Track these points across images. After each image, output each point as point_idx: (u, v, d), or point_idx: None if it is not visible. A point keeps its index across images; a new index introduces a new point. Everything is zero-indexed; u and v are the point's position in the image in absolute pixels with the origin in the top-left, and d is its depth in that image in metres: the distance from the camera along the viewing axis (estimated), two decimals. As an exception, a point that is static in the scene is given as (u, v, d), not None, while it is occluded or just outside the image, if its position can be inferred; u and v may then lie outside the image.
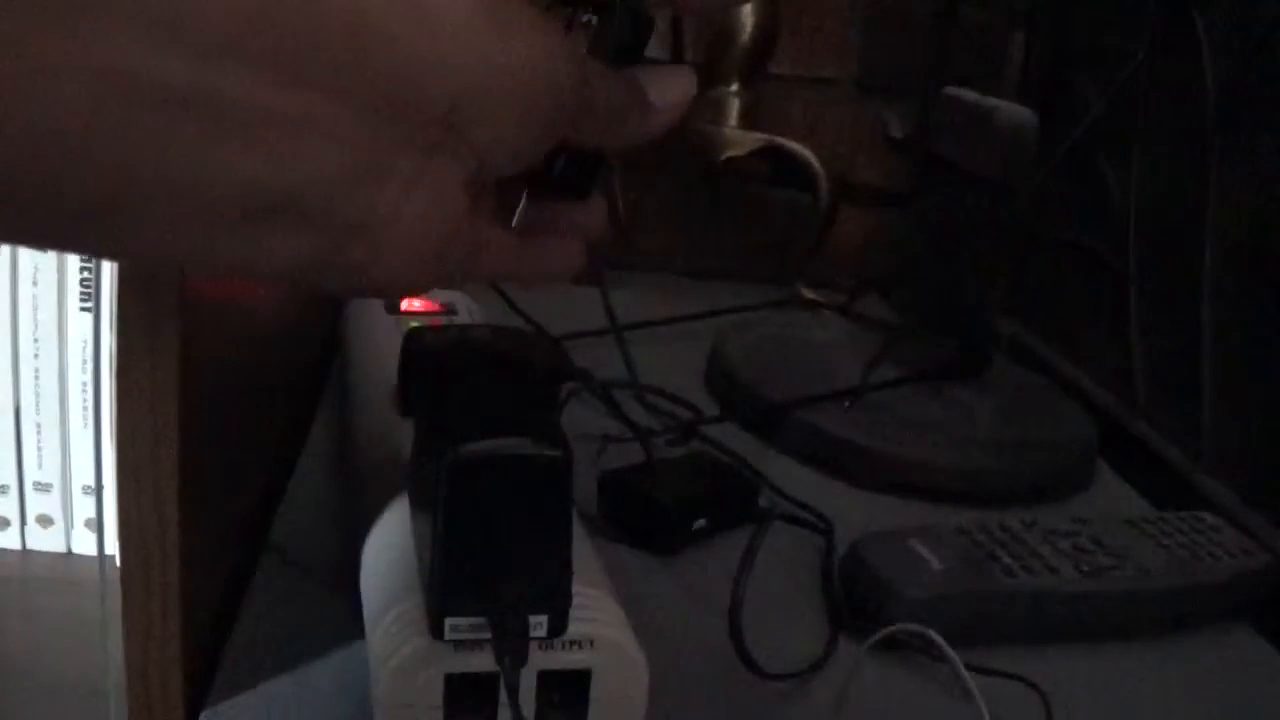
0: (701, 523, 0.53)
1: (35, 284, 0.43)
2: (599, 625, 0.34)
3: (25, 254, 0.43)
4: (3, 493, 0.46)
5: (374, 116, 0.25)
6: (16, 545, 0.47)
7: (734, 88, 0.87)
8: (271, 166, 0.24)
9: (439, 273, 0.29)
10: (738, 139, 0.87)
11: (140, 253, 0.25)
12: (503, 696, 0.32)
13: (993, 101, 0.65)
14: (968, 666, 0.41)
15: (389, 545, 0.38)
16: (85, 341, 0.44)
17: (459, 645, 0.33)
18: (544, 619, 0.32)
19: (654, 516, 0.52)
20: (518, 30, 0.26)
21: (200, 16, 0.22)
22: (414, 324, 0.48)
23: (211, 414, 0.37)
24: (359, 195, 0.25)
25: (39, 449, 0.45)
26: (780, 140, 0.87)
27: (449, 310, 0.60)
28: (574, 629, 0.33)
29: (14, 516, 0.46)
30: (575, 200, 0.34)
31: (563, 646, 0.34)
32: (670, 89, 0.32)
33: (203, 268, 0.27)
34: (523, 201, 0.32)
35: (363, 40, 0.24)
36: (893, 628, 0.43)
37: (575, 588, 0.33)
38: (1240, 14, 0.66)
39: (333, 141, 0.24)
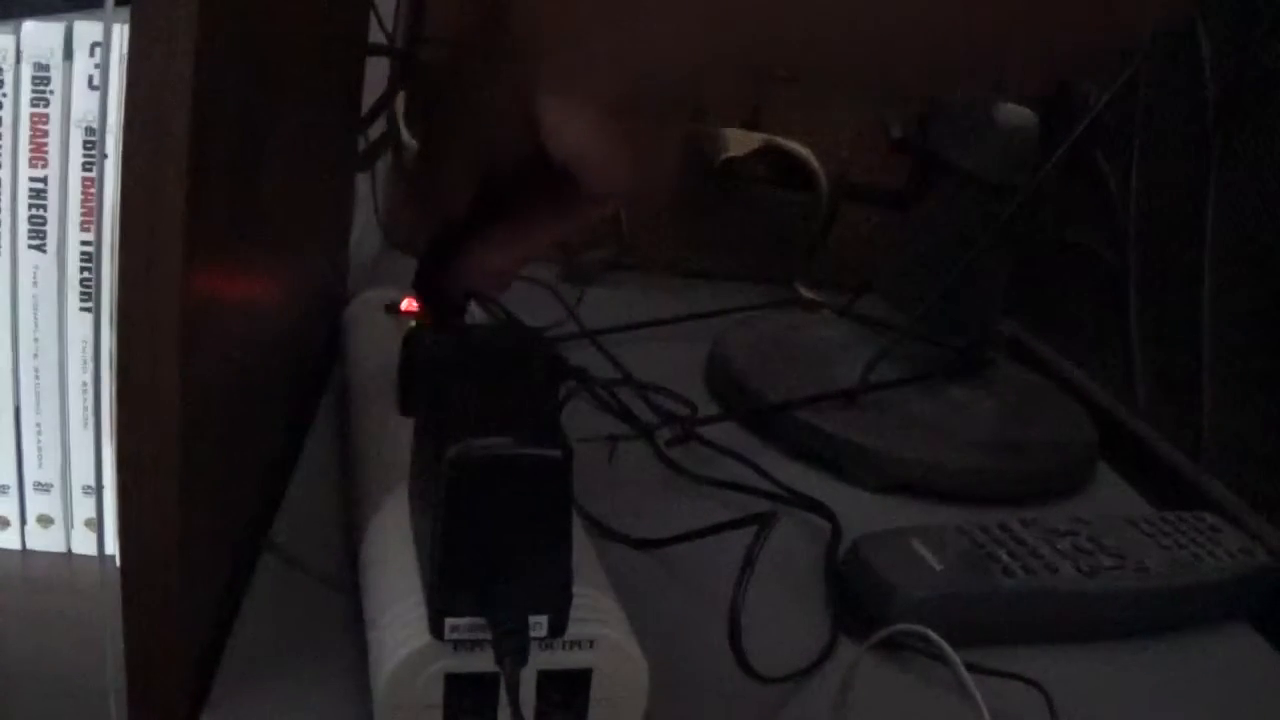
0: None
1: (35, 284, 0.43)
2: (599, 625, 0.34)
3: (25, 254, 0.43)
4: (3, 493, 0.46)
5: None
6: (16, 545, 0.47)
7: (734, 88, 0.87)
8: None
9: None
10: (738, 139, 0.87)
11: None
12: (503, 696, 0.32)
13: (993, 101, 0.65)
14: (968, 666, 0.41)
15: (389, 545, 0.38)
16: (85, 341, 0.44)
17: (459, 645, 0.33)
18: (544, 619, 0.32)
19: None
20: None
21: None
22: (414, 324, 0.48)
23: (211, 414, 0.37)
24: None
25: (39, 449, 0.45)
26: (780, 140, 0.87)
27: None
28: (574, 629, 0.33)
29: (14, 516, 0.46)
30: None
31: (563, 646, 0.34)
32: None
33: None
34: None
35: None
36: (893, 628, 0.43)
37: (575, 588, 0.33)
38: (1240, 14, 0.66)
39: None
